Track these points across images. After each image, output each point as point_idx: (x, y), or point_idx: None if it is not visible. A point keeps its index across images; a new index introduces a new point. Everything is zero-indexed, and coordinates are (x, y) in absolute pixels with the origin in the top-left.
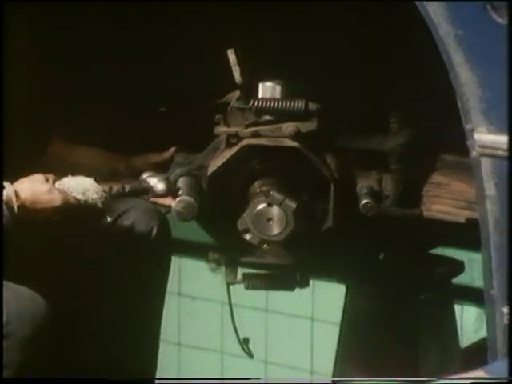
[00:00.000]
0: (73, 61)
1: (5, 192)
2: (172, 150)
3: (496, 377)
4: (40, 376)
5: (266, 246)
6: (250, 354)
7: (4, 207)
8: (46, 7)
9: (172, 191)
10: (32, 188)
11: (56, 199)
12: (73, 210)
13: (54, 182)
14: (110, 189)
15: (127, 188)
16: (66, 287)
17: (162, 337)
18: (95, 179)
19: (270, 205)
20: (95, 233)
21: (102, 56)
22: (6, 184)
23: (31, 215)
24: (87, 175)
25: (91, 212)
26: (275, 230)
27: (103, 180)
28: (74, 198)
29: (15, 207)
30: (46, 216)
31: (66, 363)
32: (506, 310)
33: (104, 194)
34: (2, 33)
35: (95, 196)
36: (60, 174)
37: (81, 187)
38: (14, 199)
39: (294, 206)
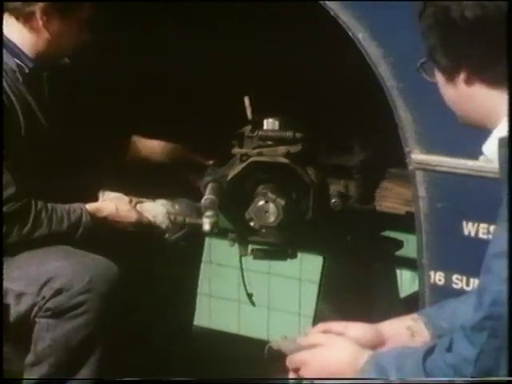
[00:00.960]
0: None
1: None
2: (211, 161)
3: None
4: (113, 317)
5: (264, 230)
6: (253, 304)
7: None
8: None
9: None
10: (116, 206)
11: (132, 217)
12: (143, 226)
13: (135, 205)
14: (175, 218)
15: (187, 220)
16: (133, 259)
17: (198, 291)
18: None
19: (267, 202)
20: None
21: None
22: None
23: (112, 225)
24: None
25: (156, 229)
26: (271, 219)
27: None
28: (147, 218)
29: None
30: (123, 226)
31: (129, 312)
32: (431, 273)
33: (168, 221)
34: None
35: (161, 220)
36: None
37: (154, 212)
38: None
39: (283, 202)
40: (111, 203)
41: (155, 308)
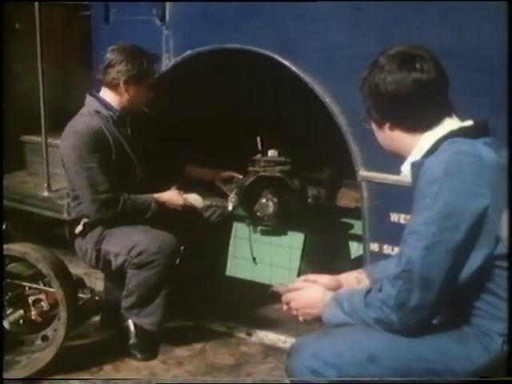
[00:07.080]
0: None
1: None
2: (237, 174)
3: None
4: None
5: (266, 217)
6: (255, 263)
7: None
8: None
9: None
10: (171, 195)
11: (180, 202)
12: (187, 207)
13: (182, 194)
14: (206, 204)
15: (213, 203)
16: (184, 233)
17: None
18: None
19: (267, 200)
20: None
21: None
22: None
23: (167, 207)
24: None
25: (194, 210)
26: (269, 210)
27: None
28: (189, 202)
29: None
30: (175, 207)
31: (182, 265)
32: (371, 244)
33: (202, 203)
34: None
35: (198, 203)
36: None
37: (193, 198)
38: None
39: (276, 200)
40: (168, 194)
41: (199, 263)
